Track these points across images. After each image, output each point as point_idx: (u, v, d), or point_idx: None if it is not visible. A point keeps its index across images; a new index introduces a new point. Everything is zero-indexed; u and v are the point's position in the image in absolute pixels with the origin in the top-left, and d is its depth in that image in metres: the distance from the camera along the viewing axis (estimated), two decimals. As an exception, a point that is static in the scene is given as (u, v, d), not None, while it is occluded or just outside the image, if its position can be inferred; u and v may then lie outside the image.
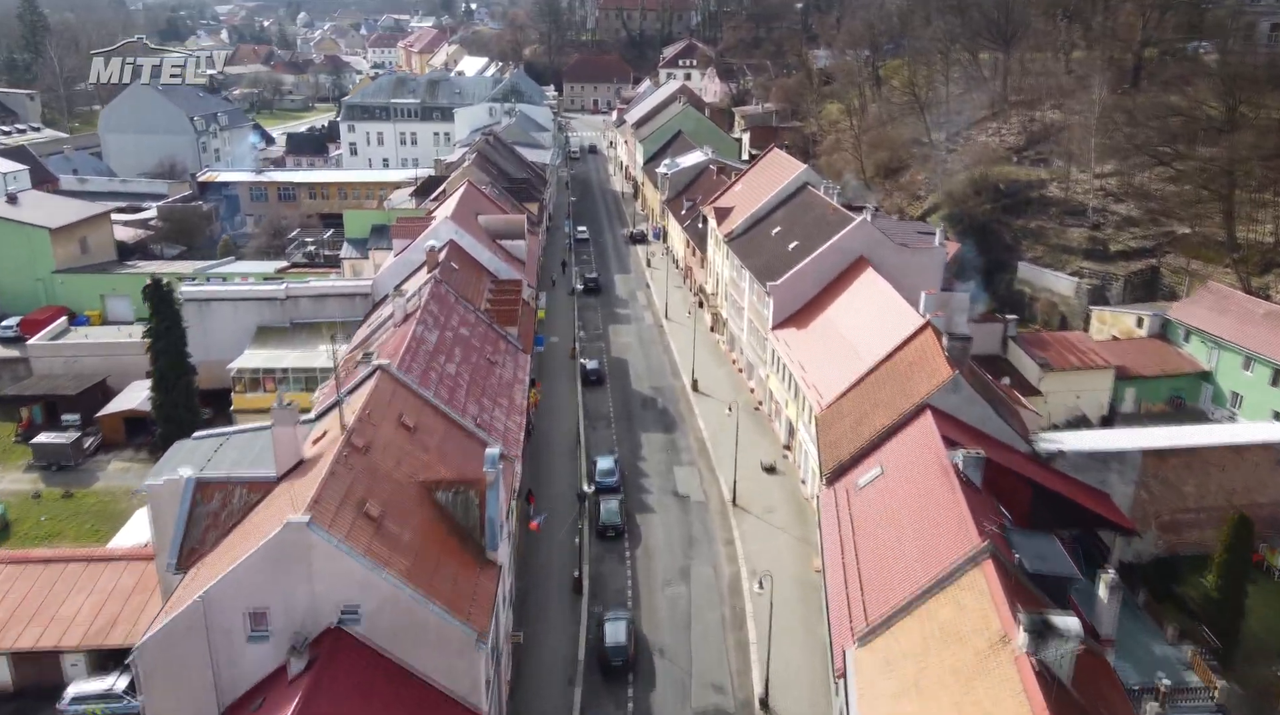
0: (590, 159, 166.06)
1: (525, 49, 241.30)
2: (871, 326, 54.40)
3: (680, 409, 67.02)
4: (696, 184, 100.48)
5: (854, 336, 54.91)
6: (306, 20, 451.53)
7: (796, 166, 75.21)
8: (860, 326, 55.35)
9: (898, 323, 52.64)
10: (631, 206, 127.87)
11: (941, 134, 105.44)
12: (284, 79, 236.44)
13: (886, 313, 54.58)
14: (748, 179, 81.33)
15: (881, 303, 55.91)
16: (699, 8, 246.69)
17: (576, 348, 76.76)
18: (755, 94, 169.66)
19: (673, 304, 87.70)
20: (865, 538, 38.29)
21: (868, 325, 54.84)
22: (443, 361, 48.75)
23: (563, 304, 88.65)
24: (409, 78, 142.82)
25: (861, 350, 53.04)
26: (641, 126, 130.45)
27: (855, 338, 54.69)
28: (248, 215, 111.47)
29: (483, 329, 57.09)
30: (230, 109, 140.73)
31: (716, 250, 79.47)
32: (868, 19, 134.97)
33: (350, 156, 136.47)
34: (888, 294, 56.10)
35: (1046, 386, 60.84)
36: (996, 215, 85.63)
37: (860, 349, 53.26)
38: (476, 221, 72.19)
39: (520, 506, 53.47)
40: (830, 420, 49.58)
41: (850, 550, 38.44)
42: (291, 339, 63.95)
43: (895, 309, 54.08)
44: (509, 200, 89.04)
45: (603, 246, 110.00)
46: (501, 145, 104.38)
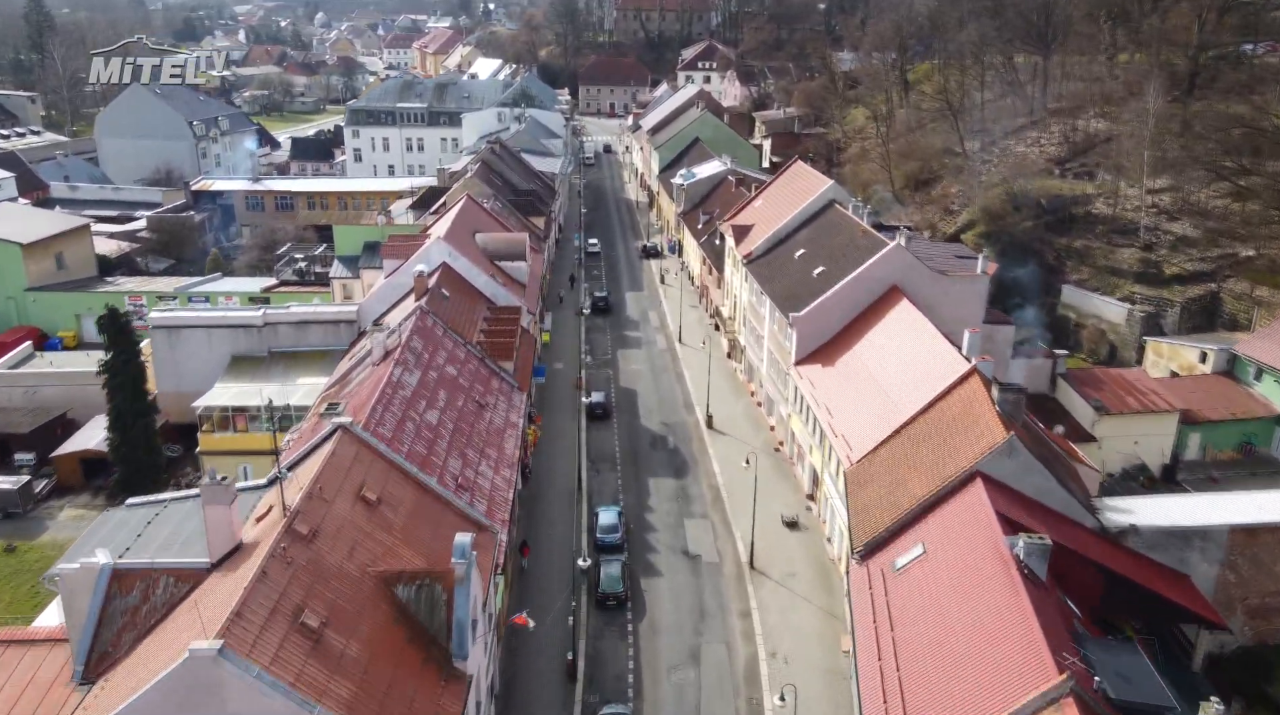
0: (604, 165, 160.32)
1: (541, 50, 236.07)
2: (907, 368, 48.33)
3: (693, 450, 61.09)
4: (714, 196, 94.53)
5: (887, 379, 48.84)
6: (324, 20, 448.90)
7: (822, 182, 69.15)
8: (894, 367, 49.27)
9: (938, 365, 46.58)
10: (646, 217, 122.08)
11: (976, 143, 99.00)
12: (295, 81, 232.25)
13: (924, 352, 48.51)
14: (769, 194, 75.33)
15: (918, 340, 49.83)
16: (719, 8, 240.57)
17: (582, 377, 71.02)
18: (776, 98, 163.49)
19: (687, 326, 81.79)
20: (906, 639, 32.27)
21: (903, 366, 48.77)
22: (423, 408, 43.13)
23: (569, 325, 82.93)
24: (416, 81, 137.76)
25: (896, 396, 47.00)
26: (657, 133, 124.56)
27: (889, 380, 48.63)
28: (244, 226, 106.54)
29: (474, 365, 51.45)
30: (231, 113, 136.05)
31: (734, 271, 73.53)
32: (896, 20, 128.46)
33: (355, 163, 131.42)
34: (926, 331, 50.01)
35: (1102, 432, 54.55)
36: (1038, 233, 79.21)
37: (894, 394, 47.21)
38: (474, 241, 66.60)
39: (513, 560, 47.91)
40: (861, 479, 43.55)
41: (889, 652, 32.45)
42: (269, 370, 58.55)
43: (935, 349, 48.02)
44: (513, 215, 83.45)
45: (614, 261, 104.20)
46: (508, 154, 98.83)
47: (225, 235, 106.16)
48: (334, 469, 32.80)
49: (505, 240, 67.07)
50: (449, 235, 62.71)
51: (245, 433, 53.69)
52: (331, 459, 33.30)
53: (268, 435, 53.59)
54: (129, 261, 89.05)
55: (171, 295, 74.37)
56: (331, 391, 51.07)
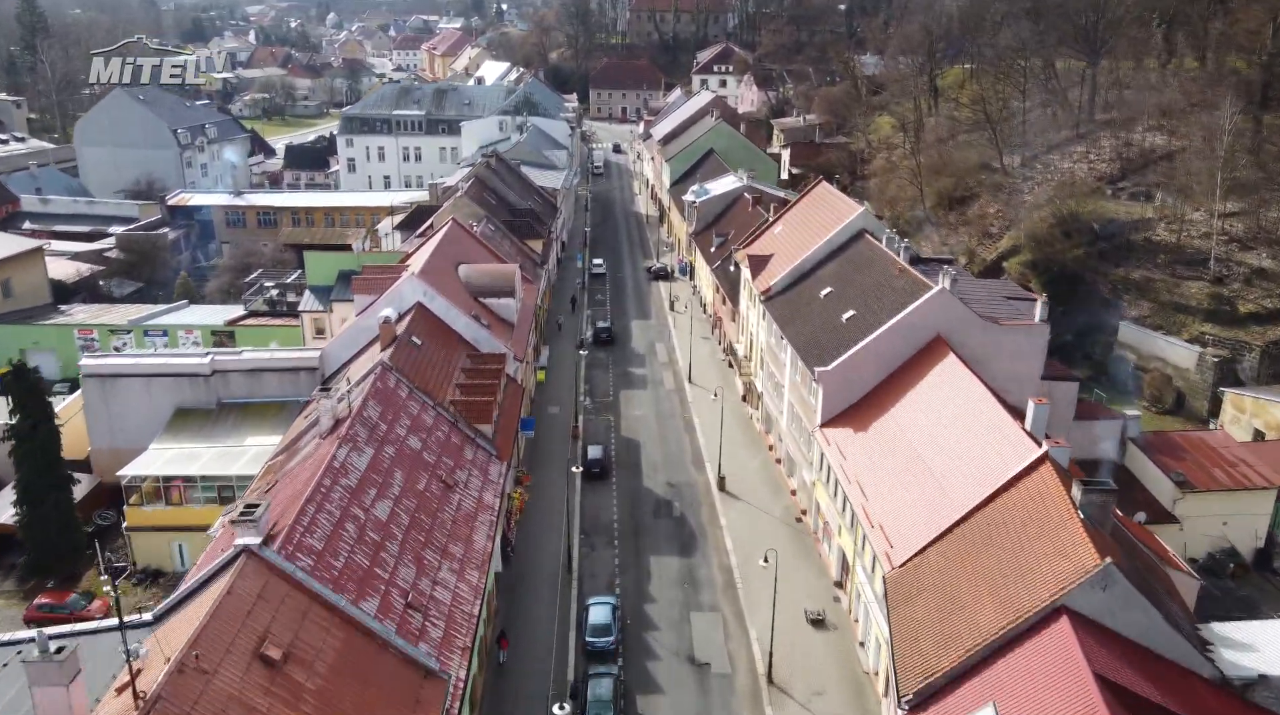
0: (613, 174, 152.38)
1: (552, 53, 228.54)
2: (957, 442, 40.27)
3: (702, 519, 53.15)
4: (728, 216, 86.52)
5: (933, 454, 40.78)
6: (335, 21, 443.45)
7: (850, 208, 61.03)
8: (941, 440, 41.20)
9: (995, 442, 38.53)
10: (656, 232, 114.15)
11: (1015, 158, 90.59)
12: (297, 83, 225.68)
13: (977, 423, 40.44)
14: (790, 219, 67.26)
15: (969, 407, 41.76)
16: (736, 9, 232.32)
17: (579, 426, 63.21)
18: (796, 104, 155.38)
19: (698, 361, 73.82)
20: None
21: (952, 439, 40.71)
22: (371, 500, 35.42)
23: (567, 359, 75.11)
24: (414, 87, 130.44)
25: (945, 477, 38.97)
26: (669, 143, 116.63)
27: (935, 457, 40.57)
28: (224, 243, 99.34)
29: (444, 432, 43.72)
30: (219, 120, 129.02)
31: (751, 306, 65.52)
32: (924, 22, 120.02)
33: (348, 173, 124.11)
34: (977, 394, 41.95)
35: (1184, 511, 46.29)
36: (1091, 262, 70.83)
37: (943, 475, 39.18)
38: (456, 274, 58.90)
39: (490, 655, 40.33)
40: (907, 591, 35.52)
41: None
42: (216, 427, 51.03)
43: (990, 419, 39.96)
44: (507, 238, 75.76)
45: (621, 283, 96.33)
46: (505, 169, 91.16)
47: (204, 253, 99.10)
48: (226, 618, 25.06)
49: (492, 274, 59.32)
50: (426, 270, 55.00)
51: (180, 507, 46.19)
52: (226, 601, 25.58)
53: (209, 508, 46.42)
54: (92, 286, 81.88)
55: (126, 328, 67.08)
56: (278, 461, 43.60)
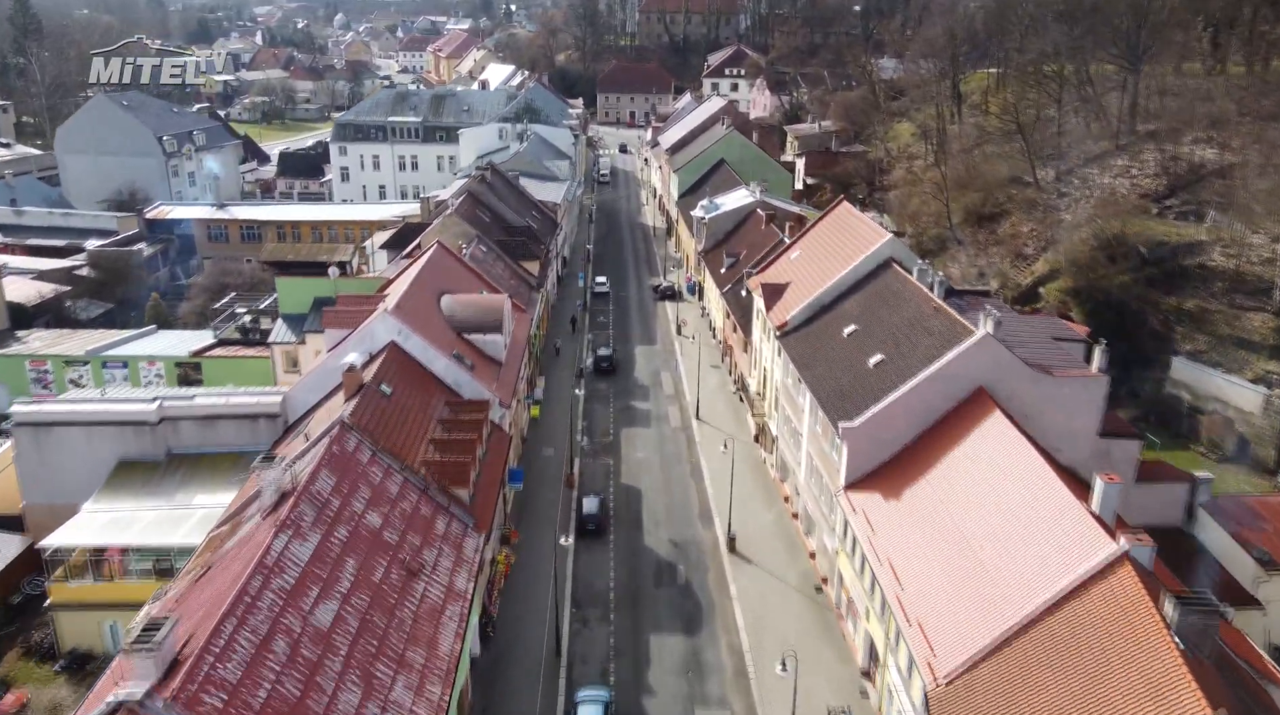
0: (620, 183, 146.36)
1: (559, 55, 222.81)
2: (1010, 524, 34.23)
3: (710, 587, 47.19)
4: (740, 233, 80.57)
5: (981, 538, 34.72)
6: (343, 22, 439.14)
7: (875, 233, 54.90)
8: (990, 520, 35.15)
9: (1057, 527, 32.52)
10: (664, 246, 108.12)
11: (1049, 171, 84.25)
12: (298, 86, 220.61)
13: (1032, 499, 34.42)
14: (809, 243, 61.16)
15: (1023, 480, 35.68)
16: (748, 10, 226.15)
17: (574, 472, 57.36)
18: (811, 109, 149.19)
19: (707, 394, 67.86)
20: None
21: (1003, 520, 34.66)
22: (312, 602, 29.57)
23: (565, 390, 69.19)
24: (410, 92, 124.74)
25: (996, 568, 32.95)
26: (677, 152, 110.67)
27: (983, 541, 34.51)
28: (205, 258, 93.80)
29: (412, 501, 37.85)
30: (209, 126, 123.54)
31: (765, 339, 59.48)
32: (948, 26, 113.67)
33: (341, 183, 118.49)
34: (1033, 467, 35.85)
35: (1269, 594, 40.02)
36: (1138, 290, 64.54)
37: (993, 565, 33.15)
38: (438, 307, 53.05)
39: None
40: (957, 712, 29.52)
41: None
42: (162, 482, 45.31)
43: (1047, 495, 33.95)
44: (501, 260, 69.93)
45: (625, 303, 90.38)
46: (502, 182, 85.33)
47: (184, 270, 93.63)
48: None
49: (478, 307, 53.40)
50: (402, 305, 49.12)
51: (112, 582, 40.47)
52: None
53: (145, 583, 40.73)
54: (58, 308, 76.41)
55: (82, 359, 61.49)
56: (223, 532, 37.90)
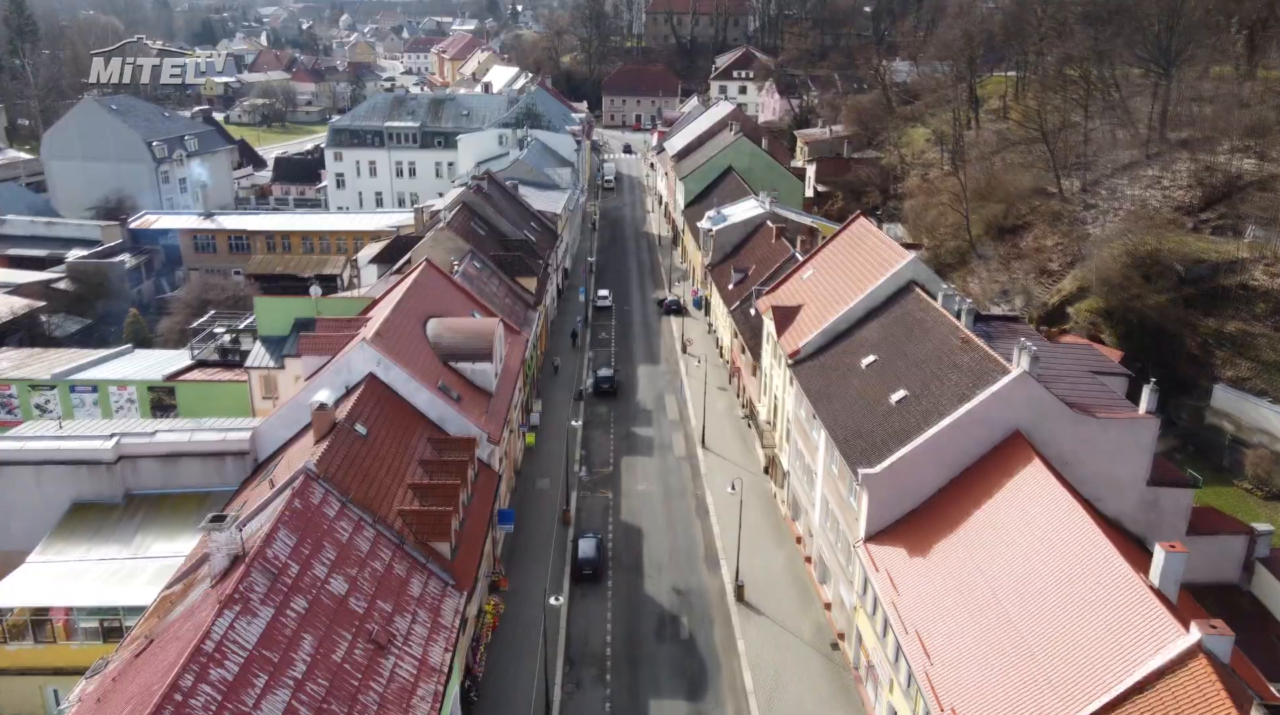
0: (625, 189, 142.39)
1: (564, 57, 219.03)
2: (1055, 596, 30.26)
3: (716, 642, 43.25)
4: (749, 247, 76.63)
5: (1021, 611, 30.72)
6: (349, 23, 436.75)
7: (895, 253, 50.84)
8: (1031, 590, 31.15)
9: (1110, 604, 28.54)
10: (669, 257, 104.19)
11: (1075, 181, 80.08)
12: (299, 88, 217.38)
13: (1082, 569, 30.43)
14: (823, 261, 57.16)
15: (1069, 544, 31.70)
16: (757, 12, 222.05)
17: (572, 507, 53.52)
18: (821, 114, 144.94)
19: (714, 419, 63.94)
20: None
21: (1047, 591, 30.68)
22: (258, 694, 25.72)
23: (563, 414, 65.43)
24: (408, 97, 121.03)
25: (1038, 648, 28.95)
26: (684, 159, 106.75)
27: (1024, 615, 30.51)
28: (191, 269, 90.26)
29: (385, 559, 34.01)
30: (201, 130, 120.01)
31: (775, 364, 55.50)
32: (966, 28, 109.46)
33: (337, 189, 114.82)
34: (1081, 529, 31.87)
35: (1338, 665, 35.91)
36: (1175, 311, 60.36)
37: (1037, 646, 29.13)
38: (423, 332, 49.22)
39: None
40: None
41: None
42: (120, 527, 41.62)
43: (1101, 567, 29.96)
44: (496, 276, 66.09)
45: (628, 318, 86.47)
46: (499, 192, 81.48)
47: (169, 282, 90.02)
48: None
49: (466, 333, 49.52)
50: (383, 332, 45.31)
51: (56, 645, 36.70)
52: None
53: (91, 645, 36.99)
54: (32, 323, 72.82)
55: (49, 383, 57.76)
56: (174, 592, 34.17)
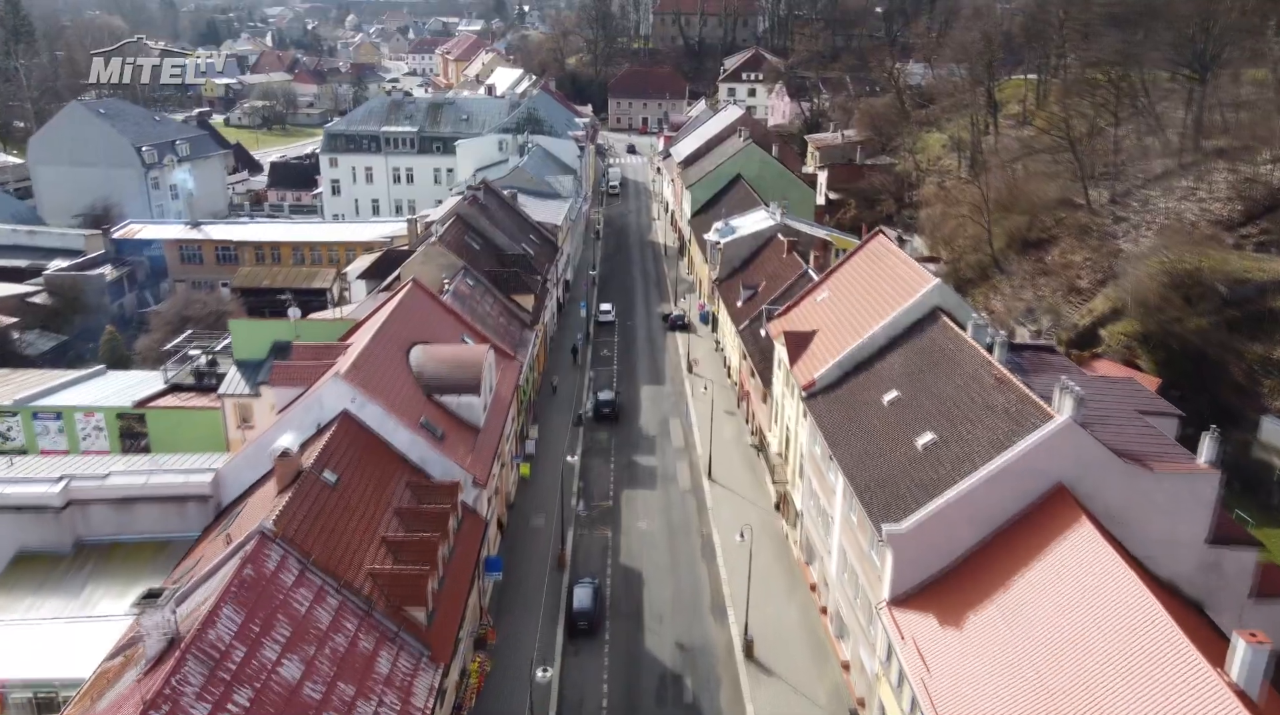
0: (631, 195, 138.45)
1: (570, 58, 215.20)
2: (1111, 682, 26.21)
3: (721, 708, 39.26)
4: (759, 262, 72.59)
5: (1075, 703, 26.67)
6: (355, 23, 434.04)
7: (919, 277, 46.74)
8: (1083, 672, 27.13)
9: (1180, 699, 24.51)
10: (675, 267, 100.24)
11: (1103, 192, 75.88)
12: (299, 90, 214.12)
13: (1142, 652, 26.41)
14: (839, 282, 53.11)
15: (1123, 617, 27.71)
16: (766, 12, 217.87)
17: (567, 549, 49.62)
18: (833, 117, 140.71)
19: (721, 448, 59.99)
20: None
21: (1100, 675, 26.65)
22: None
23: (559, 441, 61.60)
24: (406, 101, 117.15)
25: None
26: (690, 166, 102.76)
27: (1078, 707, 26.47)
28: (177, 281, 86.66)
29: (349, 631, 30.13)
30: (194, 135, 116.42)
31: (788, 394, 51.47)
32: (984, 29, 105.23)
33: (332, 196, 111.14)
34: (1138, 601, 27.85)
35: None
36: (1218, 336, 56.13)
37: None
38: (406, 362, 45.35)
39: None
40: None
41: None
42: (66, 580, 37.81)
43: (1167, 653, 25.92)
44: (490, 294, 62.24)
45: (631, 333, 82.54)
46: (496, 202, 77.65)
47: (154, 295, 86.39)
48: None
49: (452, 363, 45.61)
50: (360, 363, 41.44)
51: (-13, 720, 32.92)
52: None
53: (26, 719, 33.17)
54: (3, 340, 69.23)
55: (11, 410, 54.09)
56: (111, 669, 30.34)
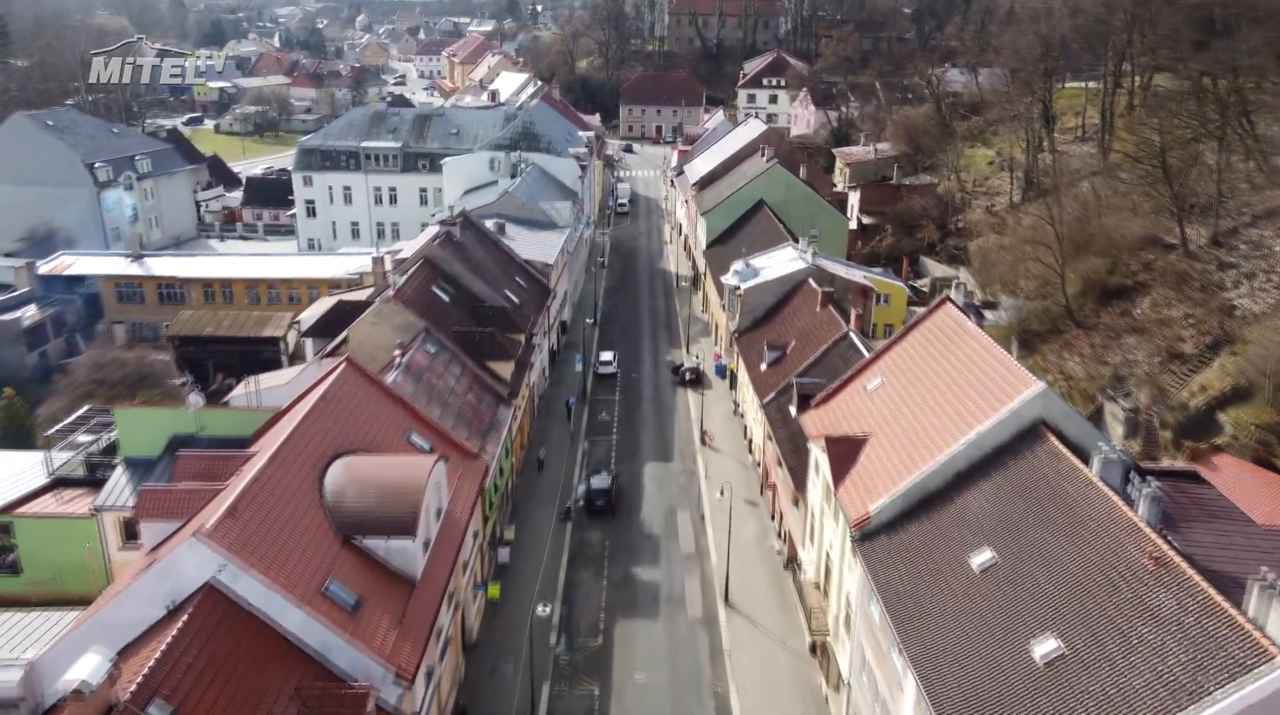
0: (641, 212, 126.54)
1: (581, 61, 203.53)
2: None
3: None
4: (787, 314, 60.67)
5: None
6: (365, 23, 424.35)
7: (1008, 372, 34.54)
8: None
9: None
10: (688, 303, 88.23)
11: (1201, 230, 63.43)
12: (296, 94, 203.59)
13: None
14: (896, 365, 40.99)
15: None
16: (789, 13, 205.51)
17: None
18: (863, 128, 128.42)
19: (741, 551, 48.16)
20: None
21: None
22: None
23: (539, 543, 49.96)
24: (389, 112, 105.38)
25: None
26: (706, 188, 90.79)
27: None
28: (115, 323, 75.58)
29: None
30: (157, 149, 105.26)
31: (828, 511, 39.43)
32: (1042, 32, 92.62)
33: (307, 218, 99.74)
34: None
35: None
36: (1381, 432, 43.67)
37: None
38: (318, 489, 33.59)
39: None
40: None
41: None
42: None
43: None
44: (458, 362, 50.53)
45: (635, 389, 70.66)
46: (476, 238, 65.92)
47: (87, 340, 75.16)
48: None
49: (380, 492, 33.72)
50: (239, 510, 29.67)
51: None
52: None
53: None
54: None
55: None
56: None
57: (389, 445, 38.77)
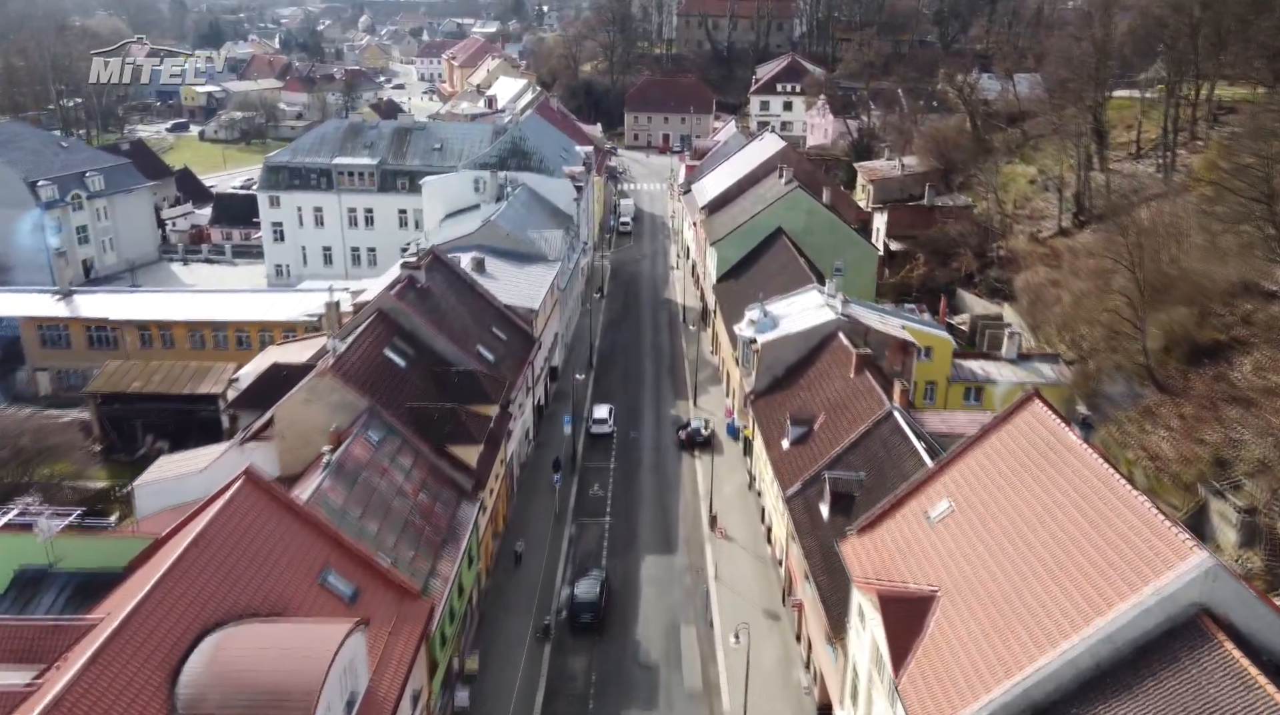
0: (645, 232, 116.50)
1: (585, 64, 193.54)
2: None
3: None
4: (812, 375, 50.59)
5: None
6: (368, 24, 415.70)
7: (1149, 529, 24.53)
8: None
9: None
10: (697, 343, 78.01)
11: (1308, 275, 53.12)
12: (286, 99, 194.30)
13: None
14: (966, 482, 30.87)
15: None
16: (804, 14, 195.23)
17: None
18: (886, 139, 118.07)
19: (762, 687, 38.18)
20: None
21: None
22: None
23: (512, 672, 40.09)
24: (365, 126, 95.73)
25: None
26: (717, 212, 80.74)
27: None
28: (38, 371, 66.07)
29: None
30: (113, 164, 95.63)
31: (877, 677, 29.38)
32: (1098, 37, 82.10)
33: (274, 243, 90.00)
34: None
35: None
36: None
37: None
38: (168, 687, 23.71)
39: None
40: None
41: None
42: None
43: None
44: (410, 449, 40.65)
45: (634, 454, 60.63)
46: (447, 281, 55.98)
47: (6, 388, 65.66)
48: None
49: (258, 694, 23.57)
50: None
51: None
52: None
53: None
54: None
55: None
56: None
57: (292, 598, 28.91)
